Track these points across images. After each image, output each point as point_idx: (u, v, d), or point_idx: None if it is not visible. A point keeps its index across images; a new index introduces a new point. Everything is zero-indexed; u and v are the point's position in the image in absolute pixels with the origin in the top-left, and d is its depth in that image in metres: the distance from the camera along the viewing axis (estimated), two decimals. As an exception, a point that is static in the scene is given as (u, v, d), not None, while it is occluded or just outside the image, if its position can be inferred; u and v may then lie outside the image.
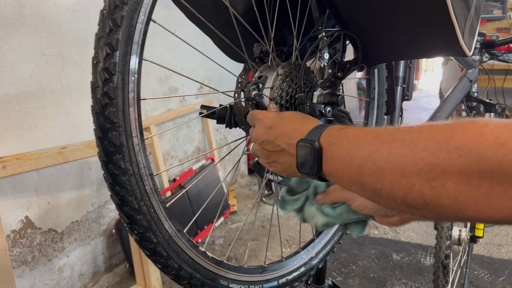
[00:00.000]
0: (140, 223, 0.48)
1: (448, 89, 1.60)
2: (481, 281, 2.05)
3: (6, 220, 1.59)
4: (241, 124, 0.74)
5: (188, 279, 0.53)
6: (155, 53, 2.32)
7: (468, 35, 0.79)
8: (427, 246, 2.39)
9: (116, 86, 0.46)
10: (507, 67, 2.60)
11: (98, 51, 0.46)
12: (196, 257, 0.55)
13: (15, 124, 1.60)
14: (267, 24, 0.70)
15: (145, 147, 0.50)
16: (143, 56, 0.50)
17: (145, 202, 0.48)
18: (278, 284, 0.70)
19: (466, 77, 1.66)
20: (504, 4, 3.34)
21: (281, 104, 0.68)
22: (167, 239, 0.51)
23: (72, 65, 1.81)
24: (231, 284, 0.60)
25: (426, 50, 0.78)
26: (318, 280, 1.34)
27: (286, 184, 0.65)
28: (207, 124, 2.95)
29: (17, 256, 1.66)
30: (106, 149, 0.46)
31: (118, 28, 0.46)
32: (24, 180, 1.66)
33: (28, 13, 1.59)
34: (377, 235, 2.56)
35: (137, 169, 0.48)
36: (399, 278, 2.10)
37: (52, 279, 1.84)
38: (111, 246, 2.16)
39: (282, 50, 0.78)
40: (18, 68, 1.58)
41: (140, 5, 0.48)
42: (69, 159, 1.66)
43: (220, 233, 2.65)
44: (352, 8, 0.73)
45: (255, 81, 0.62)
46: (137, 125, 0.48)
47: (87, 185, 1.97)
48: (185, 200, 2.40)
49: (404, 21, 0.71)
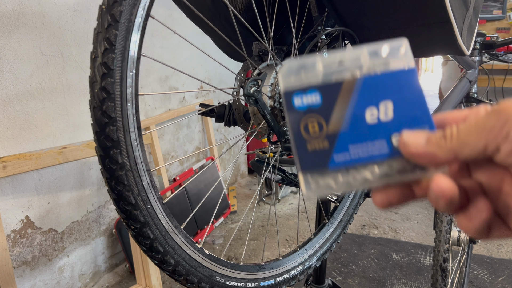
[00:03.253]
0: (137, 218, 0.48)
1: (448, 89, 1.60)
2: (480, 281, 2.05)
3: (6, 220, 1.59)
4: (240, 122, 0.74)
5: (184, 275, 0.53)
6: (155, 53, 2.33)
7: (467, 34, 0.79)
8: (427, 246, 2.39)
9: (114, 81, 0.46)
10: (506, 67, 2.60)
11: (96, 46, 0.47)
12: (193, 253, 0.55)
13: (15, 124, 1.60)
14: (267, 23, 0.71)
15: (143, 142, 0.50)
16: (141, 52, 0.50)
17: (142, 197, 0.49)
18: (275, 282, 0.70)
19: (466, 77, 1.66)
20: (504, 4, 3.34)
21: (280, 101, 0.68)
22: (163, 234, 0.51)
23: (72, 65, 1.82)
24: (227, 281, 0.60)
25: (424, 48, 0.79)
26: (318, 279, 1.34)
27: (284, 183, 0.65)
28: (207, 124, 2.95)
29: (18, 256, 1.66)
30: (104, 143, 0.46)
31: (116, 23, 0.46)
32: (24, 180, 1.66)
33: (28, 13, 1.59)
34: (377, 234, 2.56)
35: (135, 164, 0.48)
36: (398, 278, 2.10)
37: (53, 279, 1.84)
38: (111, 246, 2.16)
39: (281, 49, 0.79)
40: (19, 68, 1.59)
41: (139, 1, 0.48)
42: (69, 159, 1.67)
43: (220, 233, 2.65)
44: (351, 7, 0.74)
45: (254, 78, 0.62)
46: (135, 120, 0.48)
47: (87, 185, 1.98)
48: (185, 199, 2.41)
49: (403, 20, 0.71)
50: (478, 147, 0.29)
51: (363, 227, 2.67)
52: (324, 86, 0.36)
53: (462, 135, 0.30)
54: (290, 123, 0.36)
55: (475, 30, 0.86)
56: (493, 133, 0.28)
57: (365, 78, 0.36)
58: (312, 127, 0.36)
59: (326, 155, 0.35)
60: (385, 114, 0.35)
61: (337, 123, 0.36)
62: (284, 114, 0.69)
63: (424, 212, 2.82)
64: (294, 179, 0.86)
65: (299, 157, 0.36)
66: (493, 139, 0.28)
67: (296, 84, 0.37)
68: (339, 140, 0.36)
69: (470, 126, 0.30)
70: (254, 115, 0.71)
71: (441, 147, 0.31)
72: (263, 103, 0.63)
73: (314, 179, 0.36)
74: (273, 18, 0.72)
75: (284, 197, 3.17)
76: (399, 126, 0.35)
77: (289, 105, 0.36)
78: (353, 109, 0.36)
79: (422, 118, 0.35)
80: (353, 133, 0.35)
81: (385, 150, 0.35)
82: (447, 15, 0.67)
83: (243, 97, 0.65)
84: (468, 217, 0.32)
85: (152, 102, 2.39)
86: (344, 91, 0.36)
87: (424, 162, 0.32)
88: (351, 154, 0.35)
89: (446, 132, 0.31)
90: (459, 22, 0.72)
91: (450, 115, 0.36)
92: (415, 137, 0.33)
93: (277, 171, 0.86)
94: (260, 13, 0.69)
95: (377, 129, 0.35)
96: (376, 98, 0.36)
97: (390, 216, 2.79)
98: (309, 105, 0.36)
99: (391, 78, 0.36)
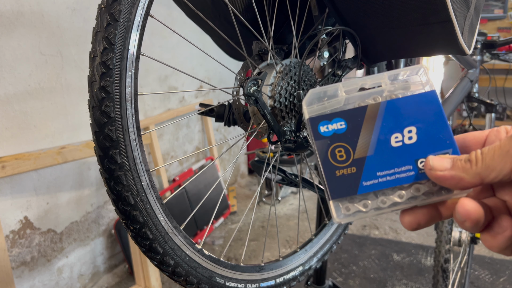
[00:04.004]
0: (136, 219, 0.48)
1: (449, 88, 1.60)
2: (482, 282, 2.04)
3: (5, 220, 1.59)
4: (240, 122, 0.74)
5: (184, 276, 0.53)
6: (154, 53, 2.32)
7: (468, 33, 0.79)
8: (428, 247, 2.38)
9: (113, 81, 0.45)
10: (507, 67, 2.60)
11: (95, 45, 0.46)
12: (192, 254, 0.54)
13: (14, 124, 1.59)
14: (267, 22, 0.70)
15: (142, 142, 0.49)
16: (140, 51, 0.49)
17: (141, 197, 0.48)
18: (275, 283, 0.70)
19: (467, 77, 1.65)
20: (505, 3, 3.34)
21: (280, 101, 0.67)
22: (163, 235, 0.50)
23: (71, 64, 1.81)
24: (227, 282, 0.59)
25: (425, 48, 0.78)
26: (319, 280, 1.33)
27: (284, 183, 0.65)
28: (206, 124, 2.94)
29: (16, 257, 1.66)
30: (102, 143, 0.46)
31: (116, 23, 0.46)
32: (23, 180, 1.66)
33: (27, 12, 1.59)
34: (378, 235, 2.55)
35: (134, 164, 0.47)
36: (399, 278, 2.10)
37: (51, 280, 1.83)
38: (110, 246, 2.16)
39: (281, 48, 0.78)
40: (17, 68, 1.58)
41: (138, 0, 0.48)
42: (68, 159, 1.66)
43: (220, 234, 2.65)
44: (352, 6, 0.73)
45: (254, 77, 0.62)
46: (134, 120, 0.48)
47: (86, 185, 1.97)
48: (185, 200, 2.40)
49: (404, 19, 0.70)
50: (504, 171, 0.30)
51: (364, 228, 2.66)
52: (348, 112, 0.37)
53: (487, 160, 0.31)
54: (318, 151, 0.37)
55: (476, 30, 0.85)
56: None
57: (387, 102, 0.37)
58: (339, 153, 0.37)
59: (355, 181, 0.36)
60: (409, 137, 0.36)
61: (364, 148, 0.37)
62: (283, 114, 0.69)
63: (424, 212, 2.82)
64: (294, 179, 0.86)
65: (328, 185, 0.37)
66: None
67: (319, 111, 0.38)
68: (366, 165, 0.36)
69: (494, 151, 0.31)
70: (254, 115, 0.70)
71: (467, 171, 0.32)
72: (263, 103, 0.63)
73: (344, 205, 0.37)
74: (273, 17, 0.71)
75: (284, 198, 3.17)
76: (424, 149, 0.36)
77: (316, 132, 0.37)
78: (378, 134, 0.37)
79: (445, 141, 0.36)
80: (379, 158, 0.36)
81: (411, 174, 0.36)
82: (448, 14, 0.66)
83: (243, 96, 0.64)
84: (492, 235, 0.32)
85: (152, 101, 2.39)
86: (368, 115, 0.37)
87: (450, 185, 0.33)
88: (379, 179, 0.36)
89: (471, 157, 0.32)
90: (460, 22, 0.71)
91: (471, 136, 0.37)
92: (440, 161, 0.34)
93: (277, 171, 0.85)
94: (260, 12, 0.69)
95: (402, 152, 0.36)
96: (400, 121, 0.37)
97: (391, 216, 2.79)
98: (335, 131, 0.37)
99: (413, 101, 0.37)
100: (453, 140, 0.36)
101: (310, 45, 0.73)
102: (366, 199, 0.36)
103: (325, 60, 0.84)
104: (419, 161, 0.36)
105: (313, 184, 0.86)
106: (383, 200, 0.36)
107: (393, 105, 0.37)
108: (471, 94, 1.73)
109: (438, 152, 0.35)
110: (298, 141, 0.70)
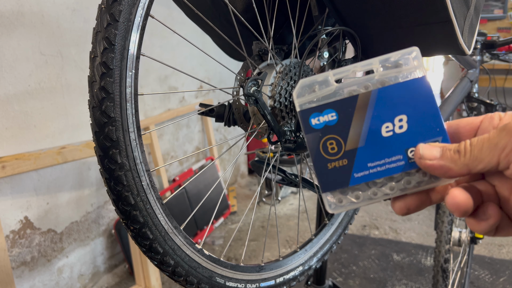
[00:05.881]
0: (136, 219, 0.48)
1: (449, 89, 1.60)
2: (481, 282, 2.04)
3: (5, 220, 1.59)
4: (240, 122, 0.74)
5: (184, 276, 0.53)
6: (154, 53, 2.32)
7: (468, 33, 0.79)
8: (428, 247, 2.38)
9: (113, 81, 0.45)
10: (507, 67, 2.60)
11: (96, 45, 0.46)
12: (192, 254, 0.54)
13: (14, 124, 1.60)
14: (267, 22, 0.70)
15: (142, 142, 0.49)
16: (141, 51, 0.49)
17: (141, 198, 0.48)
18: (275, 283, 0.70)
19: (467, 77, 1.65)
20: (505, 3, 3.34)
21: (280, 101, 0.67)
22: (163, 235, 0.50)
23: (71, 65, 1.81)
24: (227, 282, 0.59)
25: (425, 48, 0.78)
26: (319, 280, 1.34)
27: (284, 183, 0.65)
28: (206, 124, 2.94)
29: (16, 257, 1.66)
30: (103, 143, 0.46)
31: (116, 23, 0.46)
32: (23, 180, 1.66)
33: (27, 13, 1.59)
34: (378, 235, 2.55)
35: (134, 164, 0.47)
36: (399, 278, 2.10)
37: (52, 280, 1.83)
38: (110, 246, 2.16)
39: (281, 49, 0.78)
40: (17, 68, 1.58)
41: (139, 0, 0.48)
42: (68, 159, 1.66)
43: (220, 234, 2.65)
44: (352, 6, 0.73)
45: (254, 77, 0.62)
46: (134, 120, 0.48)
47: (86, 185, 1.97)
48: (185, 200, 2.40)
49: (404, 19, 0.71)
50: (491, 164, 0.31)
51: (364, 228, 2.66)
52: (339, 102, 0.37)
53: (475, 152, 0.32)
54: (309, 145, 0.37)
55: (476, 30, 0.85)
56: (505, 152, 0.30)
57: (379, 90, 0.36)
58: (330, 146, 0.37)
59: (347, 173, 0.36)
60: (400, 126, 0.36)
61: (355, 139, 0.36)
62: (283, 114, 0.69)
63: (425, 212, 2.82)
64: (294, 179, 0.86)
65: (320, 178, 0.37)
66: (504, 157, 0.30)
67: (310, 101, 0.37)
68: (357, 156, 0.36)
69: (483, 143, 0.32)
70: (254, 115, 0.70)
71: (455, 162, 0.33)
72: (263, 103, 0.63)
73: (337, 197, 0.37)
74: (273, 17, 0.72)
75: (284, 198, 3.17)
76: (414, 138, 0.36)
77: (307, 125, 0.37)
78: (369, 124, 0.36)
79: (436, 129, 0.36)
80: (370, 148, 0.36)
81: (402, 163, 0.36)
82: (448, 14, 0.66)
83: (243, 96, 0.64)
84: (477, 221, 0.34)
85: (152, 101, 2.39)
86: (359, 105, 0.37)
87: (438, 174, 0.34)
88: (370, 170, 0.36)
89: (460, 147, 0.33)
90: (460, 22, 0.71)
91: (465, 122, 0.37)
92: (430, 150, 0.34)
93: (277, 171, 0.85)
94: (260, 12, 0.69)
95: (393, 142, 0.36)
96: (391, 110, 0.36)
97: (391, 216, 2.79)
98: (326, 123, 0.37)
99: (404, 88, 0.36)
100: (443, 127, 0.35)
101: (310, 45, 0.73)
102: (358, 190, 0.37)
103: (325, 60, 0.84)
104: (409, 150, 0.36)
105: (313, 184, 0.86)
106: (374, 190, 0.36)
107: (384, 93, 0.36)
108: (471, 94, 1.73)
109: (428, 140, 0.35)
110: (298, 141, 0.70)
